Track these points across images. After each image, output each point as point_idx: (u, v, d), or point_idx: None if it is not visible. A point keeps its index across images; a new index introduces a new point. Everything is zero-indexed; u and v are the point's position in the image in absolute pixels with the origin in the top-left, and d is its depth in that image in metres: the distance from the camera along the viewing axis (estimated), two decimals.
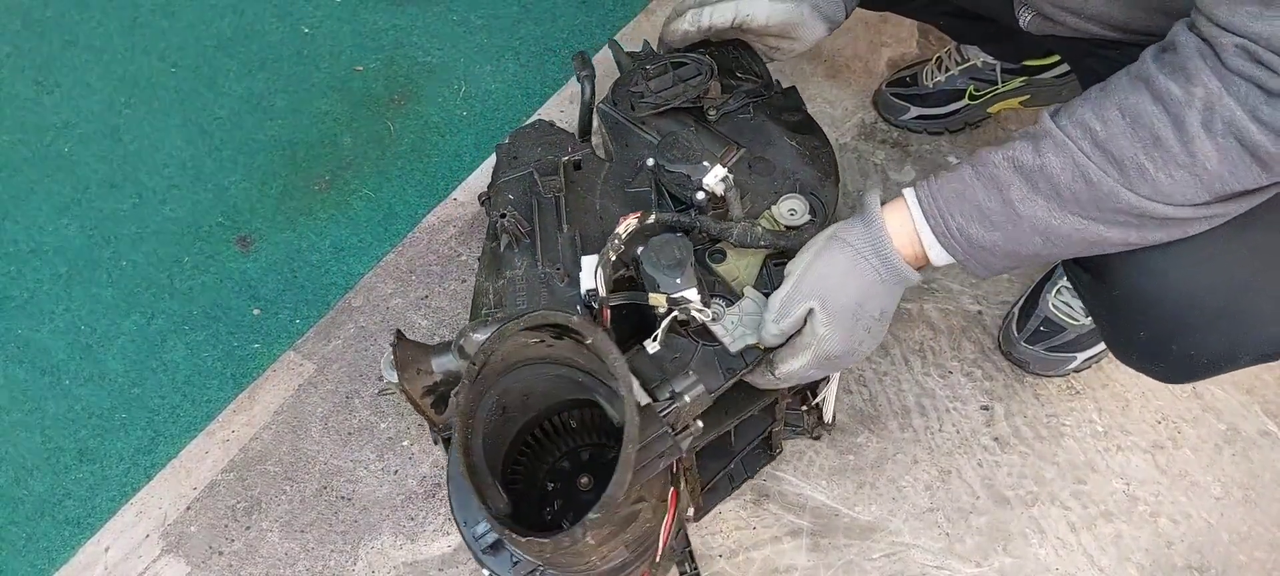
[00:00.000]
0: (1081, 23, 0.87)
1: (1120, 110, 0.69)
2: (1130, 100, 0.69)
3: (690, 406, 0.79)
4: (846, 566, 1.05)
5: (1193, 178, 0.68)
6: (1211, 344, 0.81)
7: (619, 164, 1.02)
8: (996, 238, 0.75)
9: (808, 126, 1.03)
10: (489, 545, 0.78)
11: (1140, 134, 0.68)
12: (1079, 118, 0.71)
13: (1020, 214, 0.73)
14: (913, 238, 0.78)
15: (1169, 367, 0.87)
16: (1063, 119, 0.72)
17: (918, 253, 0.79)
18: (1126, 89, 0.70)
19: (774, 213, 0.92)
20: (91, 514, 1.14)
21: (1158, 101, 0.68)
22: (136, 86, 1.57)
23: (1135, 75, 0.70)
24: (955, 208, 0.76)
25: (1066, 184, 0.71)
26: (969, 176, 0.76)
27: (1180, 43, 0.69)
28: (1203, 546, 1.06)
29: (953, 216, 0.76)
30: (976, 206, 0.75)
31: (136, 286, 1.34)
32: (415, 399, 0.86)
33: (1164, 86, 0.68)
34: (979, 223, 0.75)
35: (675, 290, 0.83)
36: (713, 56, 1.04)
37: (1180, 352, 0.82)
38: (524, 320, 0.75)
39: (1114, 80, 0.72)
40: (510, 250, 0.95)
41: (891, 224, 0.79)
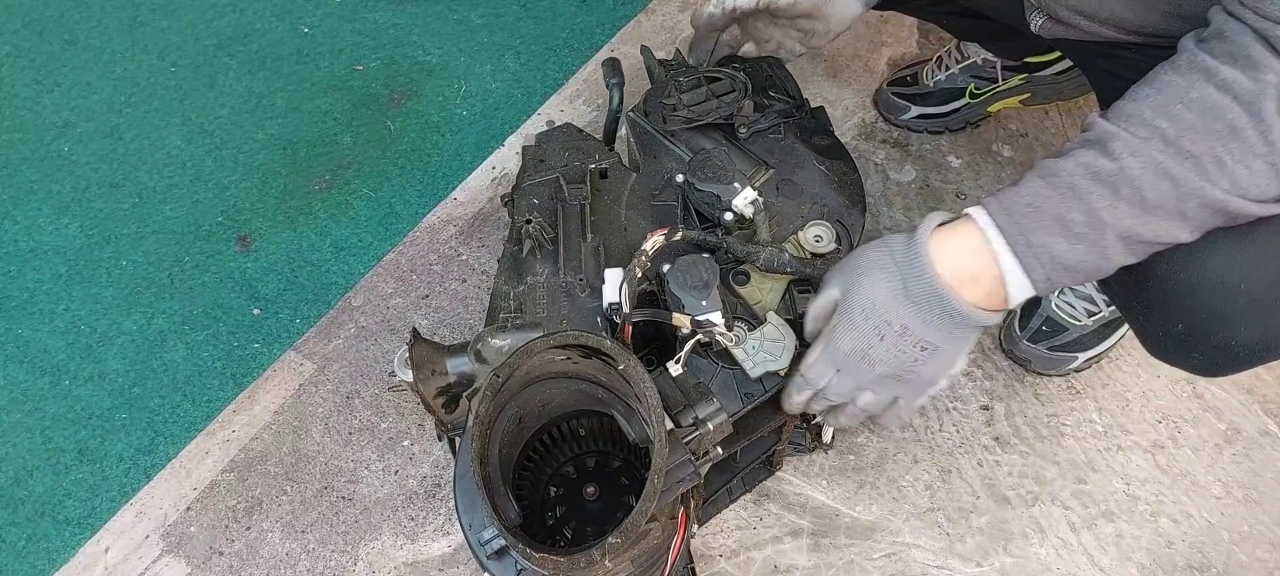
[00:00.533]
0: (1095, 27, 0.87)
1: (1185, 105, 0.67)
2: (1194, 94, 0.67)
3: (712, 433, 0.78)
4: (847, 566, 1.05)
5: (1270, 167, 0.66)
6: (1249, 334, 0.78)
7: (646, 175, 1.01)
8: (1080, 251, 0.70)
9: (836, 151, 1.03)
10: (494, 551, 0.78)
11: (1214, 127, 0.66)
12: (1141, 118, 0.68)
13: (1105, 222, 0.69)
14: (988, 262, 0.71)
15: (1206, 360, 0.84)
16: (1121, 122, 0.69)
17: (994, 279, 0.72)
18: (1184, 83, 0.67)
19: (800, 238, 0.92)
20: (91, 514, 1.14)
21: (1226, 92, 0.66)
22: (136, 86, 1.57)
23: (1190, 68, 0.68)
24: (1034, 222, 0.70)
25: (1150, 185, 0.67)
26: (1041, 188, 0.70)
27: (1229, 31, 0.67)
28: (1204, 546, 1.06)
29: (1033, 232, 0.70)
30: (1058, 219, 0.69)
31: (136, 286, 1.34)
32: (428, 399, 0.86)
33: (1229, 76, 0.65)
34: (1063, 236, 0.70)
35: (700, 312, 0.83)
36: (746, 72, 1.04)
37: (1218, 343, 0.80)
38: (554, 338, 0.74)
39: (1161, 78, 0.69)
40: (532, 256, 0.94)
41: (958, 246, 0.72)
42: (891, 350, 0.74)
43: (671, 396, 0.80)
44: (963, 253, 0.72)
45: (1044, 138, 1.41)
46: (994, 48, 1.33)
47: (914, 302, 0.73)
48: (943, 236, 0.73)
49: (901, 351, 0.74)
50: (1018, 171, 1.37)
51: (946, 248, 0.72)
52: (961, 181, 1.37)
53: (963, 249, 0.72)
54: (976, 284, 0.72)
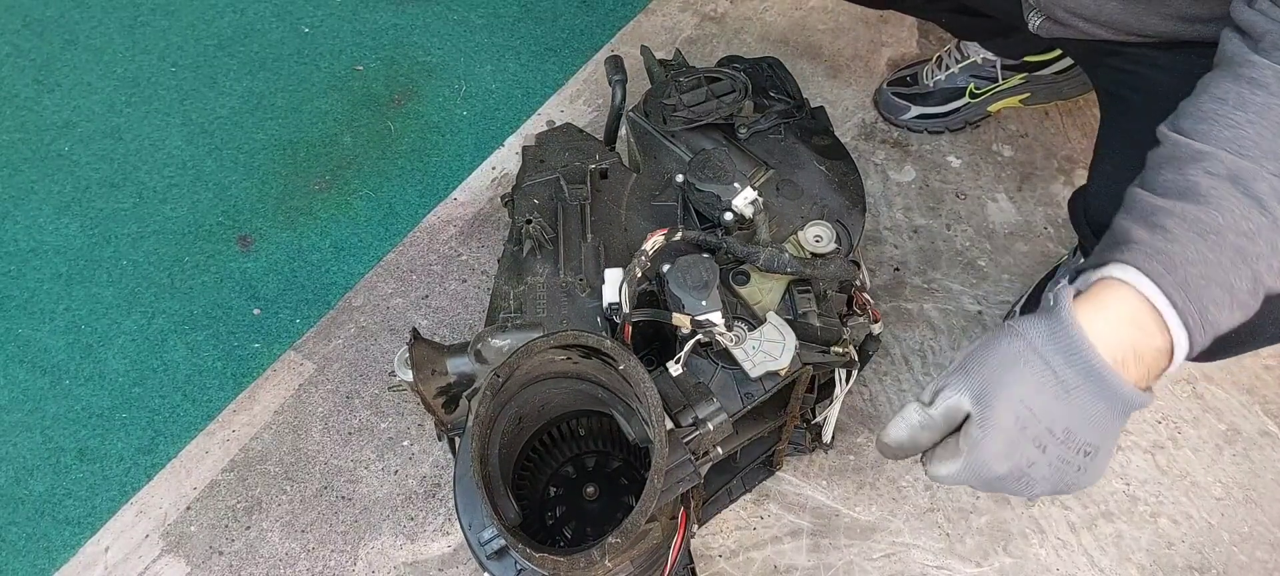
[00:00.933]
0: (1093, 28, 0.87)
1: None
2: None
3: (712, 433, 0.78)
4: (847, 566, 1.05)
5: None
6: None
7: (646, 175, 1.01)
8: (1237, 318, 0.62)
9: (836, 151, 1.03)
10: (494, 551, 0.78)
11: None
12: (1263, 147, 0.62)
13: (1263, 284, 0.62)
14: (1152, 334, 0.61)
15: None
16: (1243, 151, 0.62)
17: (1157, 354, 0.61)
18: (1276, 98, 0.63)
19: (800, 238, 0.92)
20: (92, 513, 1.14)
21: None
22: (136, 86, 1.57)
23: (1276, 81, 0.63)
24: (1207, 295, 0.60)
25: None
26: (1208, 252, 0.61)
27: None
28: (1203, 546, 1.05)
29: (1208, 308, 0.61)
30: (1228, 288, 0.61)
31: (137, 286, 1.34)
32: (428, 398, 0.86)
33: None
34: (1228, 306, 0.61)
35: (700, 312, 0.83)
36: (746, 72, 1.04)
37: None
38: (554, 338, 0.74)
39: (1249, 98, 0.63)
40: (532, 256, 0.94)
41: (1114, 315, 0.61)
42: (1054, 464, 0.62)
43: (671, 396, 0.80)
44: (1120, 323, 0.61)
45: (1044, 138, 1.41)
46: (993, 46, 1.33)
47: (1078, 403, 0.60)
48: (1093, 311, 0.61)
49: (1065, 463, 0.62)
50: (1018, 171, 1.37)
51: (1102, 326, 0.61)
52: (961, 181, 1.37)
53: (1120, 319, 0.61)
54: (1140, 361, 0.61)
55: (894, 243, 1.31)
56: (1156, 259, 0.61)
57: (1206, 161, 0.62)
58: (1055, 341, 0.60)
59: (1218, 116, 0.64)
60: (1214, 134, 0.63)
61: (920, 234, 1.32)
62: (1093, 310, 0.61)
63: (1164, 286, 0.60)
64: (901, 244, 1.31)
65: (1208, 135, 0.63)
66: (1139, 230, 0.63)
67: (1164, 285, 0.60)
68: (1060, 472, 0.62)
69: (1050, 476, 0.62)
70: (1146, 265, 0.61)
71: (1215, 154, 0.62)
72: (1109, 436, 0.62)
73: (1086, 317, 0.61)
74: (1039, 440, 0.61)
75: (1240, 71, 0.65)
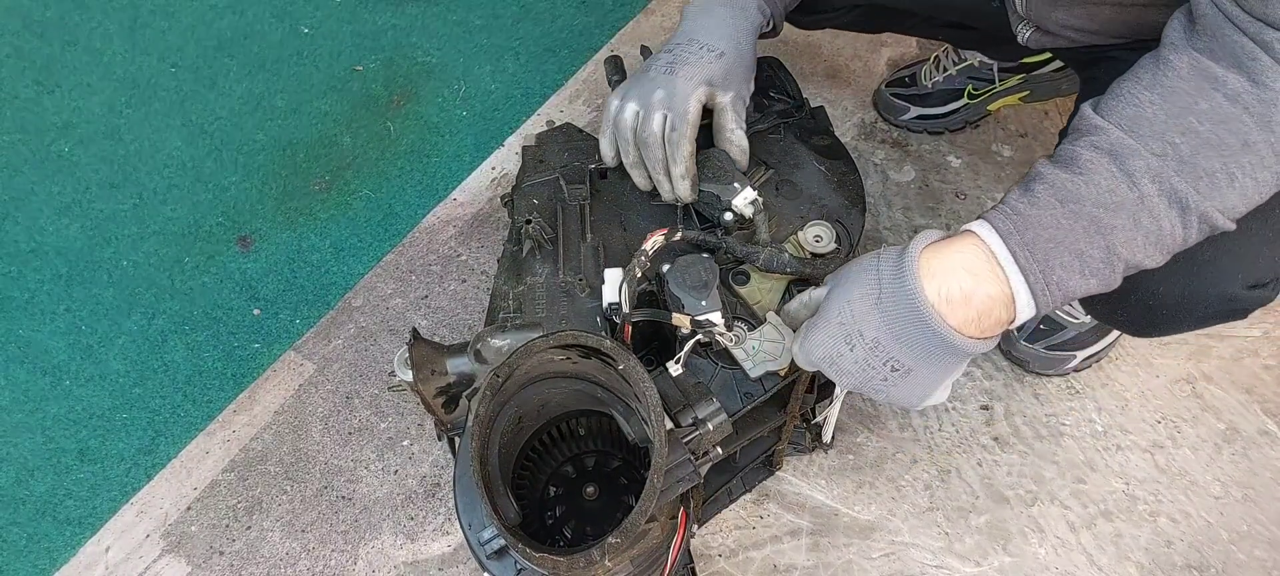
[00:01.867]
0: (1085, 36, 0.87)
1: (1197, 117, 0.64)
2: (1204, 105, 0.64)
3: (712, 433, 0.78)
4: (846, 565, 1.05)
5: (1274, 178, 0.65)
6: (1172, 291, 0.79)
7: None
8: (1091, 284, 0.66)
9: (836, 151, 1.03)
10: (494, 551, 0.78)
11: (1229, 142, 0.64)
12: (1154, 130, 0.65)
13: (1120, 256, 0.65)
14: (988, 282, 0.66)
15: (1131, 316, 0.85)
16: (1134, 134, 0.65)
17: (989, 300, 0.66)
18: (1191, 91, 0.65)
19: (800, 238, 0.92)
20: (92, 514, 1.14)
21: (1237, 102, 0.64)
22: (136, 87, 1.58)
23: (1194, 73, 0.65)
24: (1055, 258, 0.65)
25: (1164, 213, 0.64)
26: (1061, 218, 0.65)
27: (1224, 32, 0.64)
28: (1202, 545, 1.06)
29: (1054, 269, 0.65)
30: (1078, 254, 0.65)
31: (137, 286, 1.34)
32: (427, 398, 0.86)
33: (1237, 86, 0.64)
34: (1079, 272, 0.65)
35: (700, 312, 0.83)
36: None
37: (1141, 300, 0.81)
38: (554, 338, 0.74)
39: (1164, 82, 0.66)
40: (532, 256, 0.94)
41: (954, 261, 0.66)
42: (860, 364, 0.70)
43: (671, 396, 0.80)
44: (958, 269, 0.66)
45: (1044, 137, 1.41)
46: (990, 52, 1.33)
47: (887, 316, 0.67)
48: (937, 251, 0.67)
49: (870, 367, 0.70)
50: (1017, 171, 1.37)
51: (939, 263, 0.67)
52: (961, 181, 1.37)
53: (960, 265, 0.66)
54: (968, 304, 0.66)
55: (894, 242, 1.31)
56: (1011, 219, 0.66)
57: (1096, 136, 0.66)
58: (892, 266, 0.68)
59: (1127, 95, 0.67)
60: (1117, 111, 0.67)
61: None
62: (936, 251, 0.67)
63: (1011, 244, 0.65)
64: (901, 244, 1.31)
65: (1111, 111, 0.67)
66: (1015, 192, 0.68)
67: (1011, 243, 0.65)
68: (866, 373, 0.70)
69: (855, 372, 0.70)
70: (1000, 223, 0.66)
71: (1107, 129, 0.66)
72: (924, 364, 0.68)
73: (927, 255, 0.67)
74: (850, 338, 0.70)
75: (1162, 54, 0.67)
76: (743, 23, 0.97)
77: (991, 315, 0.67)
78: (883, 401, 0.75)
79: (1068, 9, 0.85)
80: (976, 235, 0.67)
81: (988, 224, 0.67)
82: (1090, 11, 0.84)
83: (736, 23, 0.97)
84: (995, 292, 0.66)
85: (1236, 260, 0.78)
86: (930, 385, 0.70)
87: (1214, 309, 0.81)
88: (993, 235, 0.66)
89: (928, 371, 0.69)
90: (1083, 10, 0.84)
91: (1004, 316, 0.67)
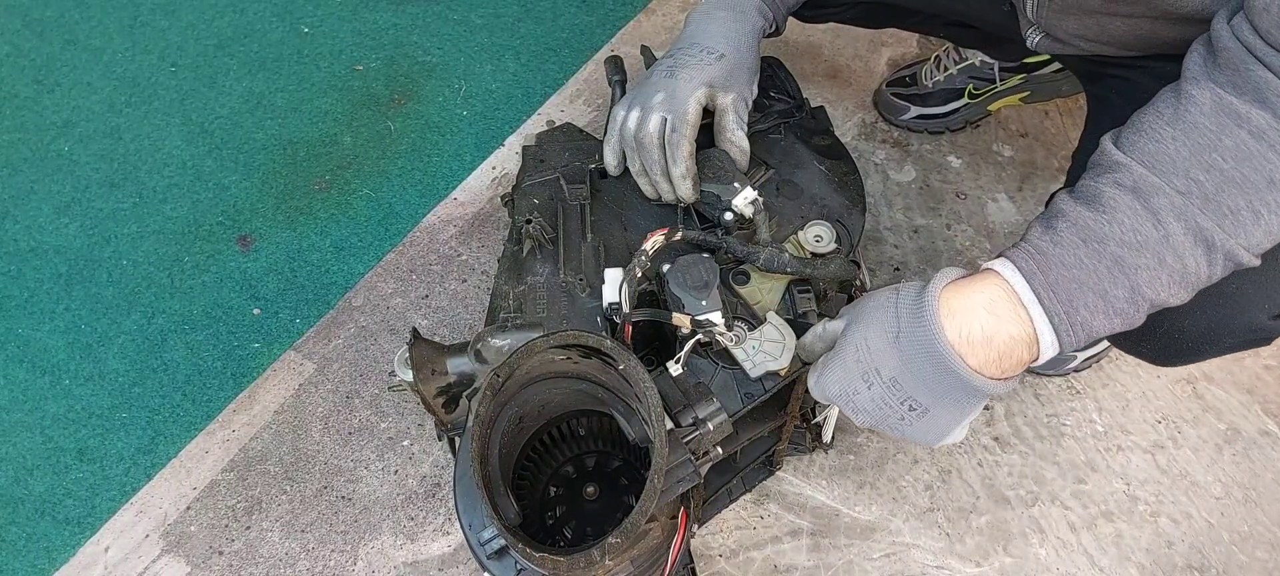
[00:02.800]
0: (1096, 46, 0.87)
1: (1221, 154, 0.63)
2: (1228, 142, 0.63)
3: (712, 433, 0.78)
4: (847, 566, 1.05)
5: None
6: (1197, 324, 0.79)
7: None
8: (1115, 323, 0.65)
9: (836, 151, 1.03)
10: (494, 551, 0.78)
11: (1254, 179, 0.62)
12: (1178, 167, 0.64)
13: (1144, 295, 0.64)
14: (1010, 322, 0.65)
15: (1156, 348, 0.85)
16: (1157, 171, 0.64)
17: (1011, 342, 0.65)
18: (1215, 128, 0.64)
19: (800, 238, 0.92)
20: (91, 513, 1.14)
21: (1262, 139, 0.62)
22: (136, 86, 1.57)
23: (1217, 110, 0.64)
24: (1079, 299, 0.64)
25: (1189, 251, 0.63)
26: (1084, 258, 0.64)
27: (1244, 64, 0.63)
28: (1203, 546, 1.05)
29: (1078, 310, 0.64)
30: (1102, 294, 0.64)
31: (136, 285, 1.34)
32: (428, 398, 0.86)
33: (1261, 122, 0.62)
34: (1104, 312, 0.65)
35: (700, 311, 0.83)
36: None
37: (1166, 332, 0.81)
38: (554, 338, 0.74)
39: (1186, 118, 0.65)
40: (532, 256, 0.94)
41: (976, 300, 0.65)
42: (877, 402, 0.69)
43: (671, 396, 0.79)
44: (979, 308, 0.65)
45: (1044, 137, 1.41)
46: (993, 51, 1.33)
47: (905, 355, 0.67)
48: (958, 290, 0.66)
49: (887, 405, 0.69)
50: (1018, 171, 1.37)
51: (960, 302, 0.66)
52: (961, 181, 1.37)
53: (981, 304, 0.65)
54: (989, 344, 0.65)
55: (894, 242, 1.31)
56: (1034, 258, 0.65)
57: (1119, 172, 0.65)
58: (912, 304, 0.67)
59: (1148, 130, 0.66)
60: (1138, 146, 0.66)
61: (920, 234, 1.32)
62: (957, 290, 0.66)
63: (1034, 285, 0.65)
64: (902, 244, 1.31)
65: (1133, 147, 0.66)
66: (1037, 228, 0.67)
67: (1034, 284, 0.65)
68: (882, 411, 0.69)
69: (872, 410, 0.70)
70: (1023, 263, 0.65)
71: (1129, 165, 0.65)
72: (942, 404, 0.67)
73: (948, 294, 0.66)
74: (867, 376, 0.69)
75: (1183, 88, 0.66)
76: (744, 26, 0.97)
77: (1013, 355, 0.66)
78: (898, 438, 0.74)
79: (1078, 18, 0.85)
80: (1000, 274, 0.66)
81: (1011, 263, 0.66)
82: (1101, 22, 0.84)
83: (738, 26, 0.97)
84: (1017, 333, 0.65)
85: (1262, 291, 0.77)
86: (948, 425, 0.69)
87: (1240, 339, 0.80)
88: (1016, 275, 0.65)
89: (946, 412, 0.68)
90: (1093, 21, 0.84)
91: (1026, 356, 0.66)
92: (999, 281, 0.66)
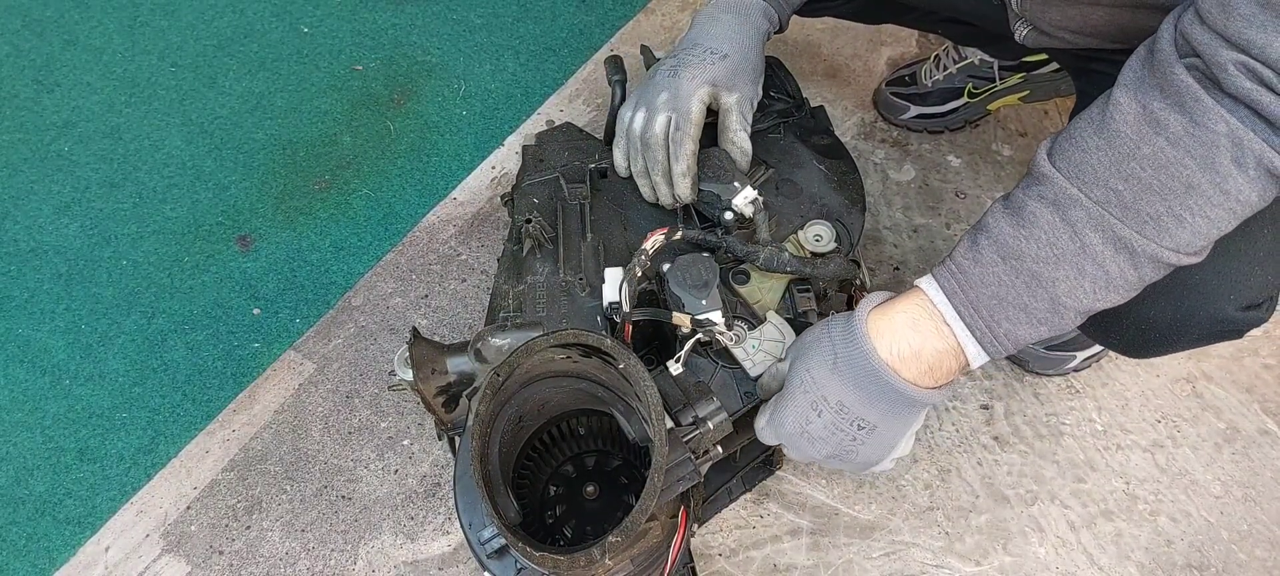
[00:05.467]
0: (1079, 38, 0.87)
1: (1140, 163, 0.64)
2: (1146, 150, 0.64)
3: (712, 432, 0.78)
4: (846, 565, 1.05)
5: (1227, 214, 0.65)
6: (1162, 315, 0.80)
7: None
8: (1042, 331, 0.70)
9: (836, 150, 1.03)
10: (494, 550, 0.78)
11: (1171, 186, 0.64)
12: (1097, 176, 0.66)
13: (1066, 305, 0.68)
14: (932, 337, 0.70)
15: (1125, 340, 0.86)
16: (1076, 181, 0.67)
17: (937, 354, 0.70)
18: (1134, 136, 0.65)
19: (800, 238, 0.92)
20: (92, 513, 1.14)
21: (1178, 146, 0.63)
22: (136, 86, 1.57)
23: (1139, 119, 0.65)
24: (999, 314, 0.69)
25: (1110, 259, 0.66)
26: (1002, 275, 0.68)
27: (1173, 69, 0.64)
28: (1203, 544, 1.06)
29: (999, 323, 0.69)
30: (1022, 308, 0.68)
31: (136, 286, 1.34)
32: (428, 398, 0.86)
33: (1178, 128, 0.63)
34: (1026, 323, 0.69)
35: (700, 311, 0.83)
36: None
37: (1134, 323, 0.82)
38: (554, 337, 0.74)
39: (1110, 125, 0.66)
40: (532, 255, 0.94)
41: (900, 320, 0.70)
42: (829, 428, 0.73)
43: (671, 395, 0.80)
44: (904, 327, 0.70)
45: (1043, 137, 1.41)
46: (990, 50, 1.33)
47: (845, 378, 0.71)
48: (883, 312, 0.71)
49: (839, 430, 0.73)
50: (1018, 171, 1.37)
51: (885, 323, 0.71)
52: (961, 180, 1.37)
53: (904, 324, 0.70)
54: (918, 358, 0.70)
55: (894, 242, 1.31)
56: (955, 277, 0.70)
57: (1043, 186, 0.68)
58: (843, 331, 0.71)
59: (1077, 138, 0.68)
60: (1066, 155, 0.68)
61: (920, 233, 1.32)
62: (882, 313, 0.71)
63: (955, 303, 0.70)
64: (901, 243, 1.31)
65: (1061, 154, 0.68)
66: (963, 244, 0.71)
67: (955, 302, 0.70)
68: (836, 437, 0.73)
69: (827, 438, 0.73)
70: (945, 282, 0.70)
71: (1053, 178, 0.68)
72: (886, 419, 0.72)
73: (877, 320, 0.71)
74: (816, 405, 0.72)
75: (1113, 94, 0.67)
76: (748, 27, 0.97)
77: (943, 366, 0.71)
78: (851, 469, 0.77)
79: (1061, 9, 0.85)
80: (924, 293, 0.71)
81: (934, 282, 0.71)
82: (1083, 12, 0.84)
83: (742, 28, 0.97)
84: (942, 346, 0.70)
85: (1227, 282, 0.78)
86: (895, 436, 0.74)
87: (1207, 330, 0.81)
88: (938, 293, 0.71)
89: (891, 425, 0.73)
90: (1075, 11, 0.84)
91: (954, 366, 0.71)
92: (922, 298, 0.71)
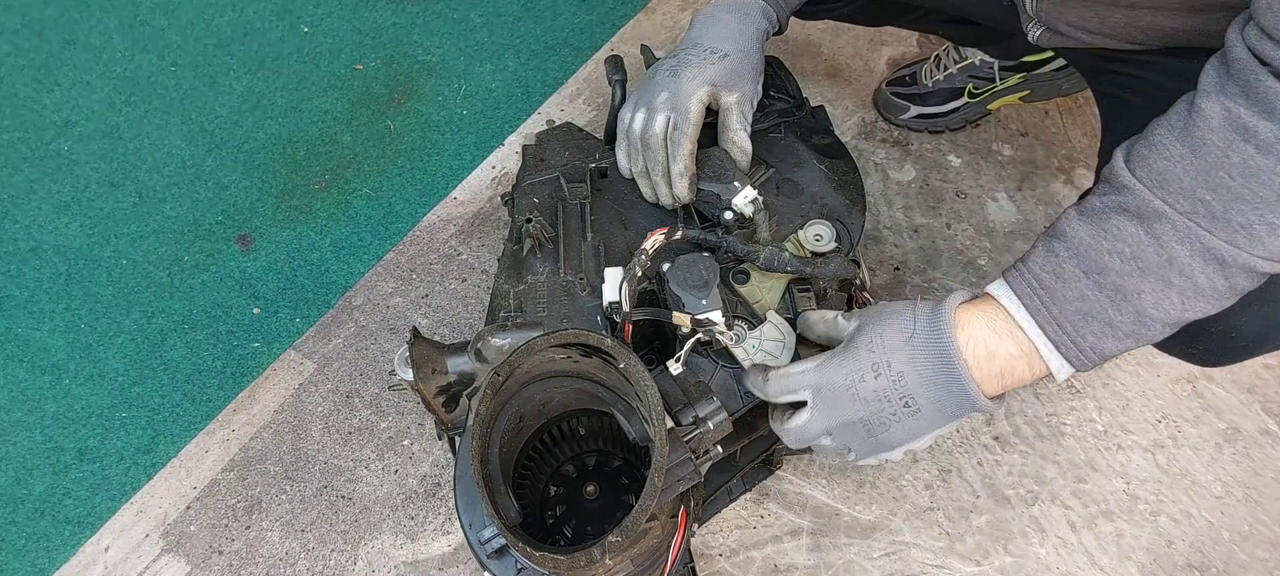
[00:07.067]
0: (1097, 38, 0.86)
1: (1228, 171, 0.63)
2: (1235, 158, 0.63)
3: (712, 432, 0.78)
4: (847, 565, 1.05)
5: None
6: (1251, 322, 0.78)
7: None
8: (1128, 343, 0.68)
9: (836, 150, 1.03)
10: (494, 550, 0.78)
11: (1263, 194, 0.62)
12: (1182, 187, 0.64)
13: (1152, 317, 0.67)
14: (1024, 352, 0.69)
15: (1206, 350, 0.85)
16: (1161, 192, 0.65)
17: (1010, 358, 0.70)
18: (1222, 144, 0.63)
19: (800, 237, 0.92)
20: (92, 513, 1.14)
21: (1269, 153, 0.62)
22: (136, 86, 1.57)
23: (1225, 125, 0.64)
24: (1084, 329, 0.68)
25: (1199, 270, 0.65)
26: (1088, 290, 0.67)
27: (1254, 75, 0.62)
28: (1203, 545, 1.05)
29: (1084, 337, 0.68)
30: (1108, 323, 0.67)
31: (136, 285, 1.34)
32: (428, 398, 0.86)
33: (1270, 134, 0.62)
34: (1112, 337, 0.68)
35: (700, 311, 0.83)
36: None
37: (1219, 333, 0.80)
38: (555, 337, 0.74)
39: (1195, 134, 0.65)
40: (532, 255, 0.94)
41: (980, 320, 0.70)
42: (878, 394, 0.72)
43: (671, 395, 0.79)
44: (983, 327, 0.70)
45: (1044, 136, 1.41)
46: (992, 50, 1.33)
47: (916, 352, 0.70)
48: (968, 311, 0.71)
49: (886, 399, 0.72)
50: (1018, 171, 1.37)
51: (966, 318, 0.70)
52: (961, 180, 1.37)
53: (984, 324, 0.70)
54: (991, 360, 0.70)
55: (894, 242, 1.31)
56: (1037, 293, 0.69)
57: (1124, 196, 0.67)
58: (929, 311, 0.71)
59: (1159, 145, 0.67)
60: (1147, 163, 0.67)
61: (920, 233, 1.32)
62: (968, 313, 0.71)
63: (1039, 320, 0.69)
64: (901, 243, 1.31)
65: (1142, 163, 0.67)
66: (1040, 253, 0.70)
67: (1039, 319, 0.69)
68: (878, 405, 0.72)
69: (870, 401, 0.72)
70: (1027, 297, 0.70)
71: (1135, 189, 0.66)
72: (932, 405, 0.71)
73: (963, 310, 0.71)
74: (876, 367, 0.71)
75: (1196, 101, 0.66)
76: (748, 27, 0.97)
77: (1013, 372, 0.70)
78: (863, 452, 0.76)
79: (1078, 10, 0.84)
80: (1005, 308, 0.70)
81: (1014, 295, 0.70)
82: (1101, 15, 0.83)
83: (742, 28, 0.97)
84: (1015, 350, 0.70)
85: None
86: (930, 428, 0.73)
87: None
88: (1020, 309, 0.70)
89: (935, 416, 0.72)
90: (1093, 13, 0.84)
91: (1025, 374, 0.70)
92: (1002, 311, 0.70)
